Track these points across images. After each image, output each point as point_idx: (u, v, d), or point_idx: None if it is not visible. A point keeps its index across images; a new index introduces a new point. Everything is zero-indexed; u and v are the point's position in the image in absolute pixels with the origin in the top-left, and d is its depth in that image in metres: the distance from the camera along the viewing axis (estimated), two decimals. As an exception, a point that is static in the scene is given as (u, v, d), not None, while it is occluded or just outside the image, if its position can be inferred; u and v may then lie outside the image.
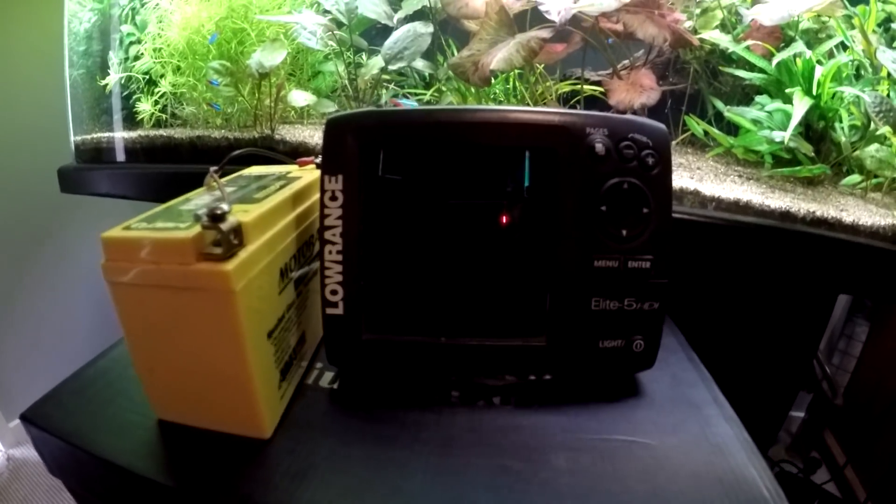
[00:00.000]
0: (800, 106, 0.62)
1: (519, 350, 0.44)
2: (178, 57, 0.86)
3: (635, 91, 0.64)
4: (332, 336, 0.44)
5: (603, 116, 0.44)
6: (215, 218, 0.32)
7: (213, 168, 0.43)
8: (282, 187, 0.44)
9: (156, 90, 0.87)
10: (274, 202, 0.40)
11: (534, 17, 0.69)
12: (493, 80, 0.71)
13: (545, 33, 0.65)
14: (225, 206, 0.33)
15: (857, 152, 0.68)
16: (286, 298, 0.41)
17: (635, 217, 0.43)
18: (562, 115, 0.43)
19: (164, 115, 0.87)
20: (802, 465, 1.14)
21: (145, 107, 0.89)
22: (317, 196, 0.44)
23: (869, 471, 1.10)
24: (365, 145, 0.42)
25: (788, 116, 0.63)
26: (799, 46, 0.65)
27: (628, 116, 0.44)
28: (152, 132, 0.86)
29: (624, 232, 0.43)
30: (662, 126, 0.44)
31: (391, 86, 0.78)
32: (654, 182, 0.43)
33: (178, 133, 0.82)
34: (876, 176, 0.69)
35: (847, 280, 0.64)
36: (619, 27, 0.67)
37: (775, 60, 0.64)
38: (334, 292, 0.43)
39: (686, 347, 0.53)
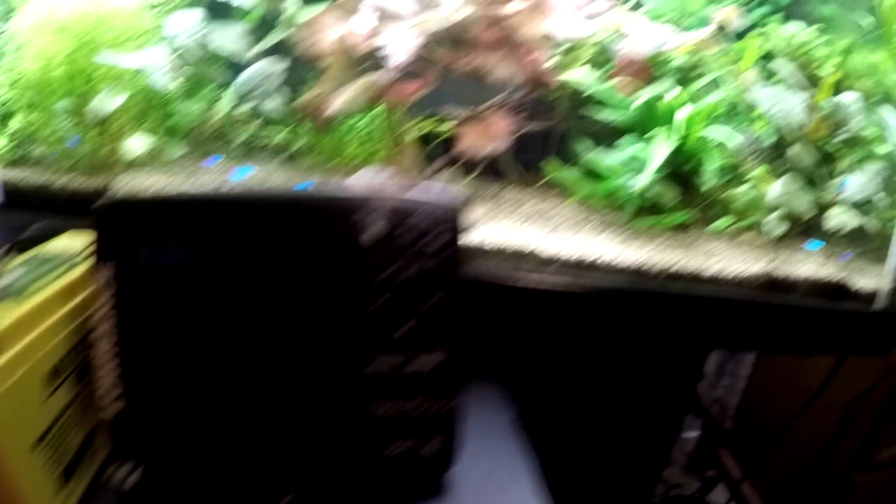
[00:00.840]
0: (660, 151, 0.56)
1: (297, 460, 0.38)
2: (32, 91, 0.78)
3: (485, 137, 0.58)
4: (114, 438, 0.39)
5: (381, 196, 0.37)
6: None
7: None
8: (65, 273, 0.39)
9: (6, 127, 0.78)
10: (42, 297, 0.36)
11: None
12: (340, 121, 0.64)
13: (392, 73, 0.59)
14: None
15: (727, 193, 0.63)
16: (61, 399, 0.37)
17: (422, 309, 0.37)
18: (329, 198, 0.37)
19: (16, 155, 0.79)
20: (700, 484, 1.11)
21: (-1, 144, 0.80)
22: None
23: (766, 485, 1.08)
24: (136, 232, 0.37)
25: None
26: (661, 87, 0.60)
27: (413, 194, 0.38)
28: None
29: (408, 326, 0.37)
30: (452, 200, 0.37)
31: (253, 124, 0.71)
32: (443, 268, 0.37)
33: (24, 176, 0.74)
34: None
35: (713, 337, 0.59)
36: (476, 65, 0.60)
37: (636, 103, 0.59)
38: (108, 394, 0.38)
39: (515, 427, 0.47)
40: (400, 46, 0.58)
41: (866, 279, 0.68)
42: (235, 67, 0.71)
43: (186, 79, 0.70)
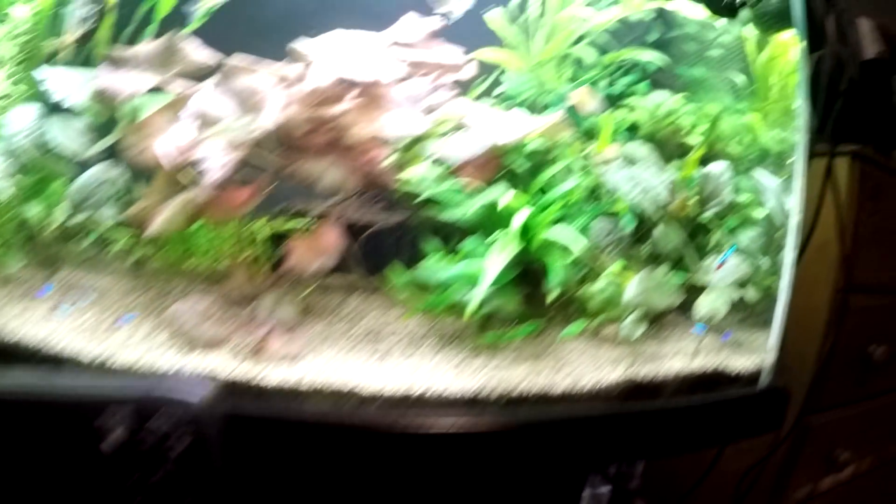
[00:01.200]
0: (494, 263, 0.51)
1: None
2: None
3: (313, 252, 0.53)
4: None
5: (125, 392, 0.33)
6: None
7: None
8: None
9: None
10: None
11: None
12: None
13: (211, 189, 0.53)
14: None
15: (583, 291, 0.58)
16: None
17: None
18: (65, 390, 0.33)
19: None
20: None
21: None
22: None
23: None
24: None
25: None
26: (494, 192, 0.55)
27: (158, 392, 0.33)
28: None
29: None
30: (198, 397, 0.33)
31: (97, 228, 0.65)
32: (189, 472, 0.33)
33: None
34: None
35: (578, 462, 0.54)
36: (304, 171, 0.55)
37: (471, 208, 0.54)
38: None
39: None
40: (215, 161, 0.52)
41: (748, 357, 0.64)
42: (84, 164, 0.65)
43: (22, 184, 0.64)
